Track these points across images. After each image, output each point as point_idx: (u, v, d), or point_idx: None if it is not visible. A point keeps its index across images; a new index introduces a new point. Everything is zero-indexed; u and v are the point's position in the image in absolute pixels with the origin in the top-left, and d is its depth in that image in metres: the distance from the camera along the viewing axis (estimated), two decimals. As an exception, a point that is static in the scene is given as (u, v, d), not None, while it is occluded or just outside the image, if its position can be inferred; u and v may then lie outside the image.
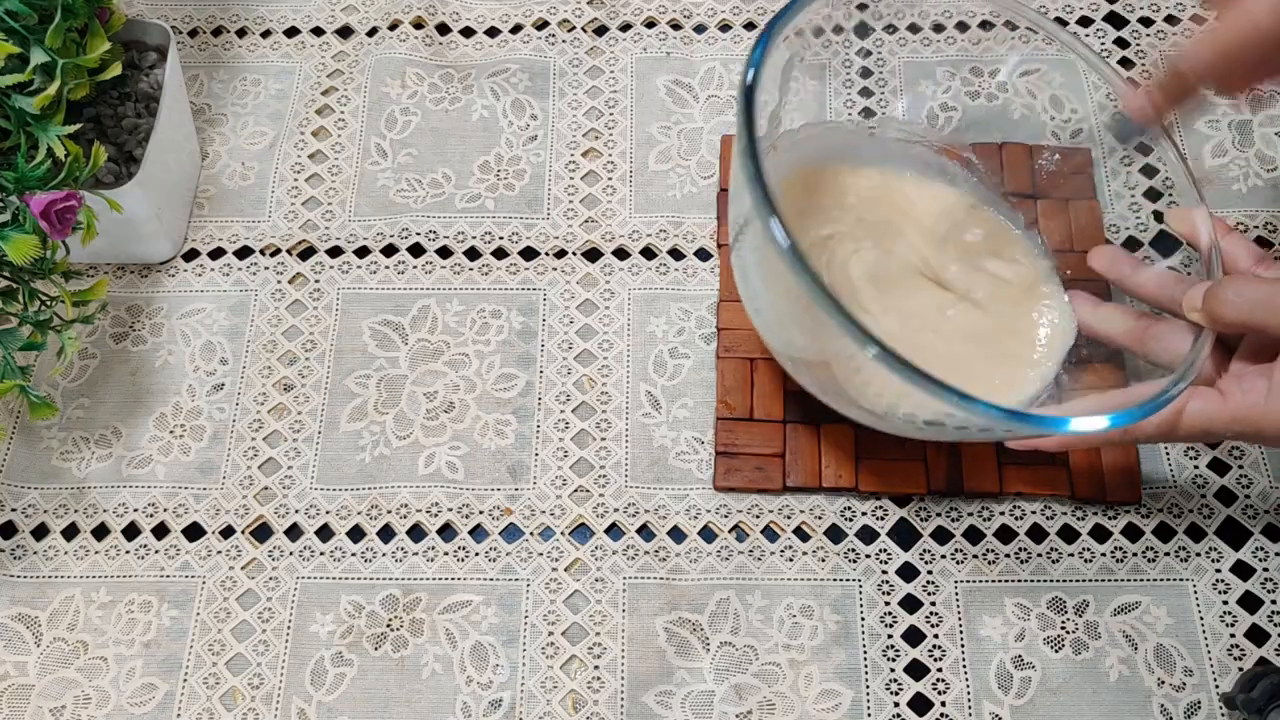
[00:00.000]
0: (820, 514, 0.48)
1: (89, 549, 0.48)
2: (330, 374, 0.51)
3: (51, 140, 0.44)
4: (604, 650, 0.45)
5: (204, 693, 0.45)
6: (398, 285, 0.53)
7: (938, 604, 0.46)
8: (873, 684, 0.45)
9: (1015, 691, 0.44)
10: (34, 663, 0.45)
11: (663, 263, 0.53)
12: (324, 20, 0.61)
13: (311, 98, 0.58)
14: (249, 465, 0.49)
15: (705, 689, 0.44)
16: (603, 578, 0.47)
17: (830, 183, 0.50)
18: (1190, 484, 0.48)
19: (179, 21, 0.61)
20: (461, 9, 0.61)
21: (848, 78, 0.57)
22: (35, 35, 0.44)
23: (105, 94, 0.51)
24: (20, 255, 0.41)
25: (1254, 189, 0.54)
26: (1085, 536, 0.47)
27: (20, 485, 0.49)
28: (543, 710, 0.44)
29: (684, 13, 0.60)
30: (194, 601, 0.46)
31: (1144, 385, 0.40)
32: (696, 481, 0.48)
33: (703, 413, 0.50)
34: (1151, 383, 0.40)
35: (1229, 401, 0.39)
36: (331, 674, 0.45)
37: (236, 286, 0.53)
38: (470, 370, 0.51)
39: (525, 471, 0.49)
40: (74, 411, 0.50)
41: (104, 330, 0.52)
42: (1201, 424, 0.39)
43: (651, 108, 0.57)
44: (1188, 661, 0.45)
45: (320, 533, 0.48)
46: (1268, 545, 0.47)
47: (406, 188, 0.55)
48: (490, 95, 0.58)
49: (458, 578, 0.47)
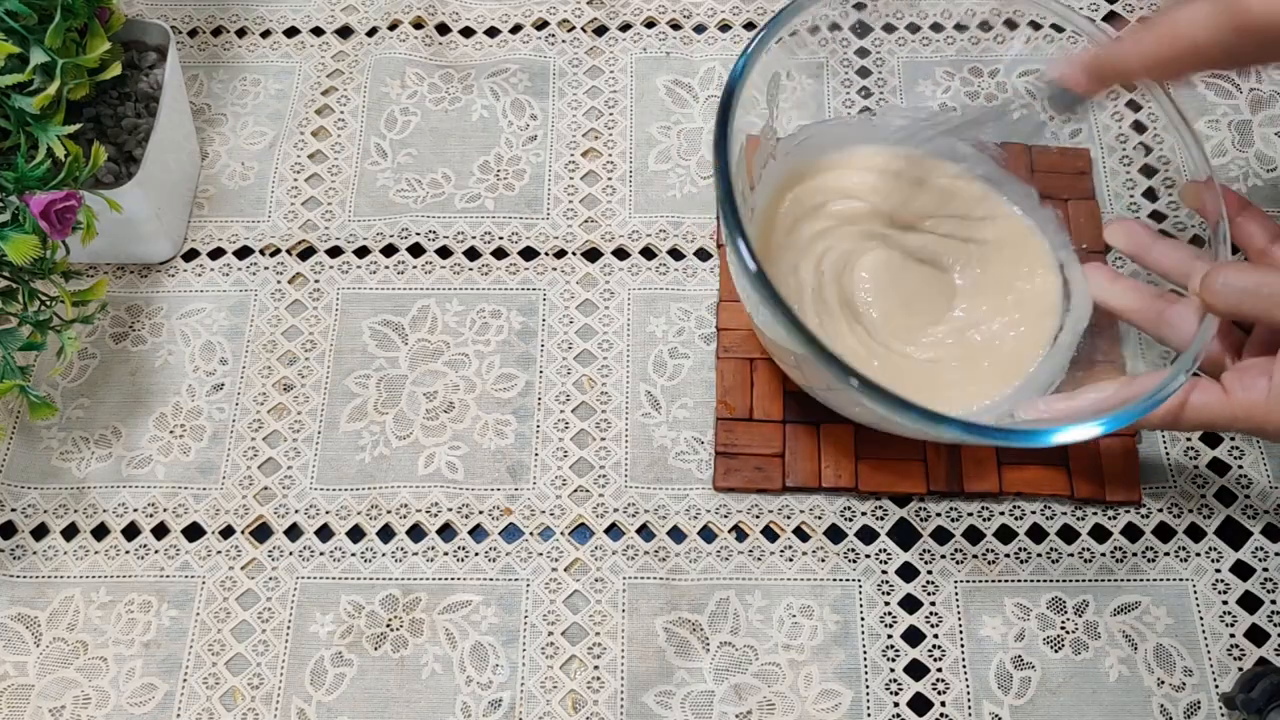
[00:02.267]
0: (820, 514, 0.48)
1: (89, 549, 0.48)
2: (330, 374, 0.51)
3: (51, 140, 0.44)
4: (604, 650, 0.45)
5: (204, 693, 0.45)
6: (397, 285, 0.53)
7: (937, 604, 0.46)
8: (872, 684, 0.45)
9: (1015, 691, 0.44)
10: (33, 663, 0.45)
11: (662, 263, 0.53)
12: (324, 20, 0.61)
13: (311, 98, 0.58)
14: (249, 465, 0.49)
15: (705, 689, 0.45)
16: (602, 578, 0.47)
17: (832, 173, 0.50)
18: (1190, 484, 0.48)
19: (179, 21, 0.61)
20: (461, 9, 0.61)
21: (846, 77, 0.57)
22: (35, 35, 0.44)
23: (105, 94, 0.51)
24: (20, 255, 0.41)
25: (1254, 189, 0.54)
26: (1085, 536, 0.47)
27: (20, 485, 0.49)
28: (542, 710, 0.44)
29: (684, 13, 0.60)
30: (194, 601, 0.46)
31: (1147, 376, 0.40)
32: (696, 481, 0.48)
33: (702, 413, 0.50)
34: (1154, 373, 0.39)
35: (1231, 399, 0.38)
36: (331, 674, 0.45)
37: (236, 286, 0.53)
38: (470, 370, 0.51)
39: (525, 471, 0.49)
40: (74, 411, 0.50)
41: (104, 330, 0.52)
42: (1205, 418, 0.39)
43: (651, 108, 0.57)
44: (1187, 661, 0.45)
45: (320, 533, 0.48)
46: (1267, 545, 0.47)
47: (406, 188, 0.55)
48: (490, 95, 0.58)
49: (457, 578, 0.47)
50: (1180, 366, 0.38)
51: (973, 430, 0.37)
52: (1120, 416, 0.38)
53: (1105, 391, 0.42)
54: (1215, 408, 0.38)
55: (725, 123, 0.41)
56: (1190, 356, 0.38)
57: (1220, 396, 0.39)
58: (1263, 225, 0.41)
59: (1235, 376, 0.39)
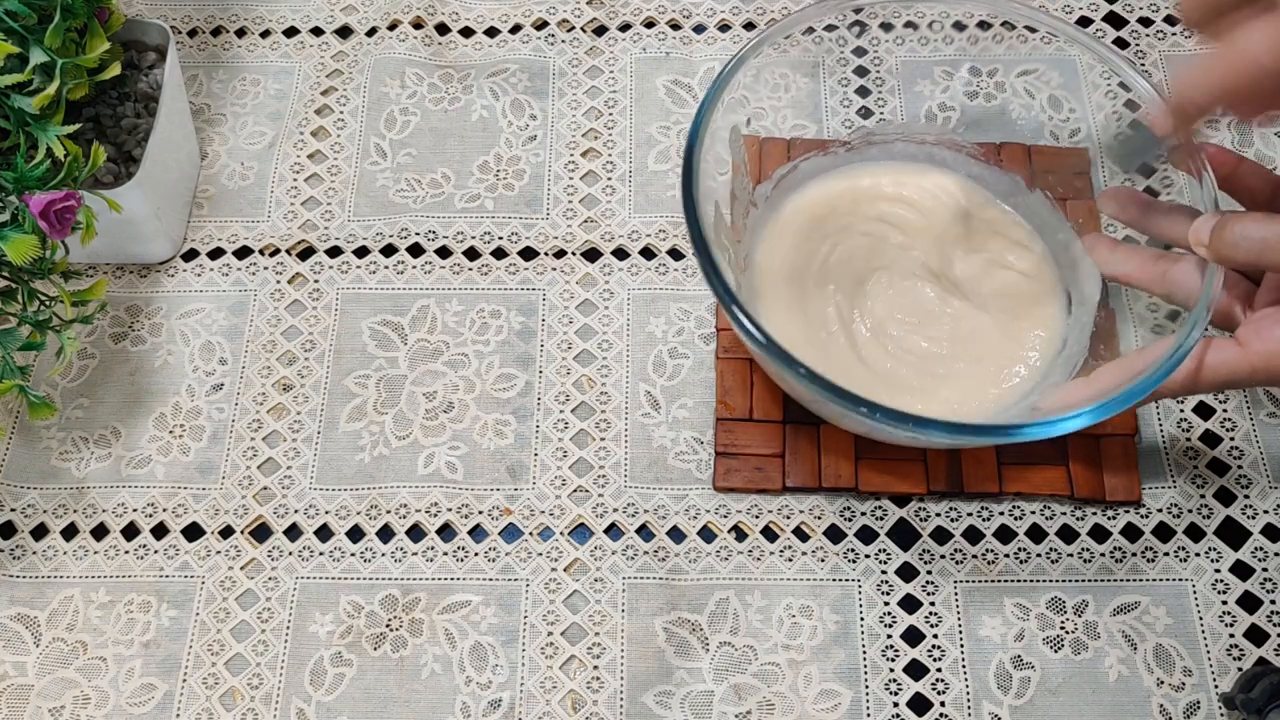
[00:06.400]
0: (819, 514, 0.48)
1: (88, 549, 0.48)
2: (329, 374, 0.51)
3: (51, 140, 0.44)
4: (603, 650, 0.45)
5: (203, 693, 0.45)
6: (397, 285, 0.53)
7: (937, 604, 0.46)
8: (872, 684, 0.45)
9: (1015, 691, 0.44)
10: (33, 663, 0.45)
11: (662, 263, 0.53)
12: (323, 20, 0.61)
13: (311, 98, 0.58)
14: (248, 465, 0.49)
15: (705, 689, 0.44)
16: (602, 578, 0.47)
17: (836, 198, 0.50)
18: (1190, 484, 0.48)
19: (178, 21, 0.61)
20: (461, 9, 0.61)
21: (844, 76, 0.57)
22: (34, 35, 0.44)
23: (104, 94, 0.51)
24: (19, 255, 0.41)
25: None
26: (1084, 537, 0.47)
27: (19, 485, 0.49)
28: (542, 710, 0.44)
29: (683, 13, 0.60)
30: (193, 601, 0.46)
31: (1161, 341, 0.39)
32: (696, 481, 0.48)
33: (702, 413, 0.50)
34: (1167, 338, 0.39)
35: (1248, 350, 0.37)
36: (331, 674, 0.45)
37: (236, 286, 0.53)
38: (470, 370, 0.51)
39: (524, 471, 0.49)
40: (73, 411, 0.50)
41: (103, 330, 0.52)
42: (1224, 375, 0.38)
43: (651, 108, 0.57)
44: (1187, 662, 0.45)
45: (319, 533, 0.48)
46: (1267, 545, 0.47)
47: (406, 188, 0.55)
48: (490, 95, 0.58)
49: (457, 578, 0.47)
50: (1194, 319, 0.38)
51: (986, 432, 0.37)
52: (1142, 385, 0.37)
53: (1123, 363, 0.41)
54: (1232, 363, 0.38)
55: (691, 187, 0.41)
56: (1202, 307, 0.38)
57: (1236, 351, 0.38)
58: (1261, 177, 0.40)
59: (1250, 328, 0.38)
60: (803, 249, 0.49)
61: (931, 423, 0.37)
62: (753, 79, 0.46)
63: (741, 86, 0.45)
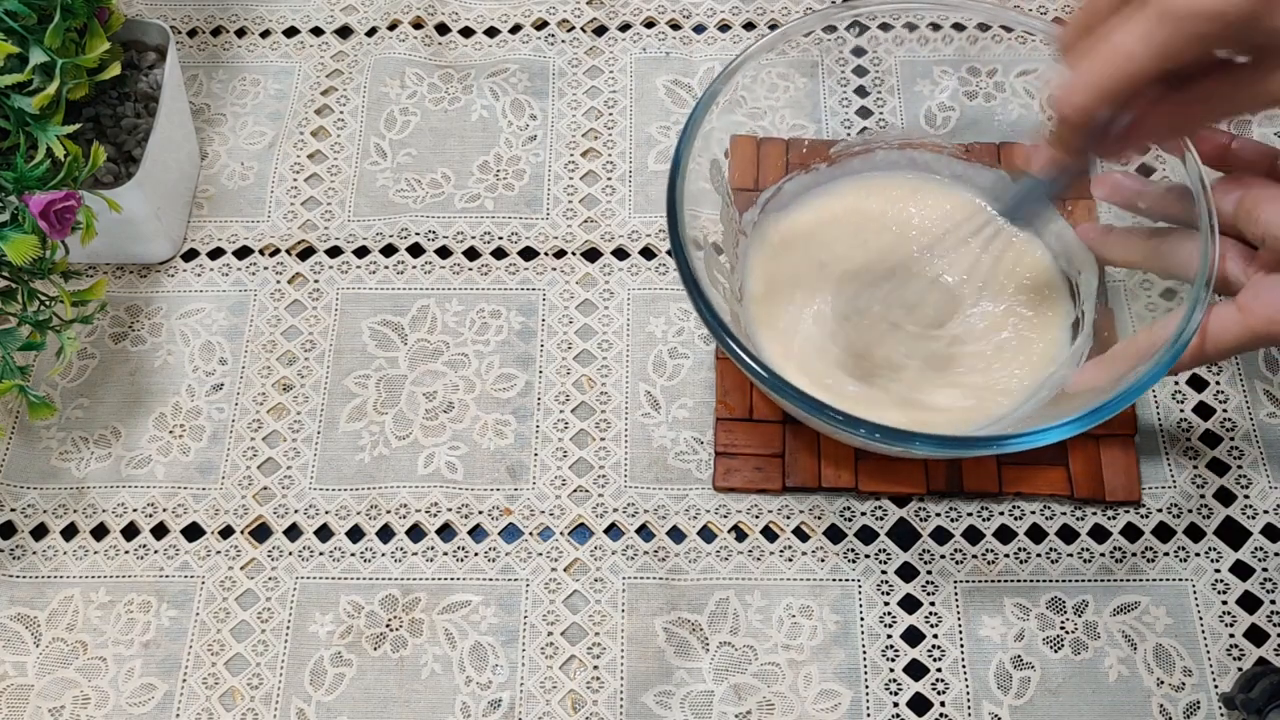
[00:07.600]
0: (819, 514, 0.48)
1: (88, 549, 0.48)
2: (329, 374, 0.51)
3: (51, 140, 0.44)
4: (603, 650, 0.45)
5: (203, 693, 0.45)
6: (397, 285, 0.53)
7: (937, 604, 0.46)
8: (872, 684, 0.45)
9: (1015, 692, 0.44)
10: (33, 663, 0.45)
11: (662, 263, 0.53)
12: (323, 20, 0.61)
13: (311, 98, 0.58)
14: (248, 465, 0.49)
15: (704, 689, 0.44)
16: (602, 578, 0.47)
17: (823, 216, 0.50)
18: (1190, 484, 0.48)
19: (178, 21, 0.61)
20: (461, 9, 0.61)
21: (842, 76, 0.57)
22: (34, 35, 0.44)
23: (104, 94, 0.51)
24: (19, 255, 0.41)
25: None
26: (1084, 537, 0.47)
27: (19, 485, 0.49)
28: (542, 710, 0.44)
29: (683, 13, 0.60)
30: (193, 601, 0.46)
31: (1171, 315, 0.40)
32: (696, 482, 0.48)
33: (702, 413, 0.50)
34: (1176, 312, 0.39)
35: (1248, 313, 0.38)
36: (331, 674, 0.45)
37: (236, 286, 0.53)
38: (469, 370, 0.51)
39: (524, 471, 0.49)
40: (73, 411, 0.50)
41: (103, 330, 0.52)
42: (1229, 341, 0.38)
43: (651, 108, 0.57)
44: (1187, 662, 0.45)
45: (319, 533, 0.48)
46: (1267, 545, 0.47)
47: (406, 188, 0.55)
48: (490, 95, 0.58)
49: (457, 578, 0.47)
50: (1199, 282, 0.38)
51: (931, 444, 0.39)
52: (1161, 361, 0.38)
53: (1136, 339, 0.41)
54: (1235, 329, 0.38)
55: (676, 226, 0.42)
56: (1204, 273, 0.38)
57: (1235, 317, 0.38)
58: (1257, 150, 0.40)
59: (1249, 292, 0.38)
60: (794, 269, 0.49)
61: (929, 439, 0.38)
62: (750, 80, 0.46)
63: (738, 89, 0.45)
